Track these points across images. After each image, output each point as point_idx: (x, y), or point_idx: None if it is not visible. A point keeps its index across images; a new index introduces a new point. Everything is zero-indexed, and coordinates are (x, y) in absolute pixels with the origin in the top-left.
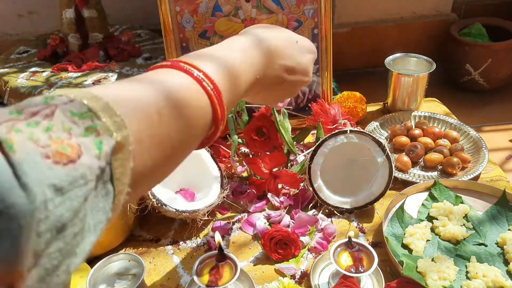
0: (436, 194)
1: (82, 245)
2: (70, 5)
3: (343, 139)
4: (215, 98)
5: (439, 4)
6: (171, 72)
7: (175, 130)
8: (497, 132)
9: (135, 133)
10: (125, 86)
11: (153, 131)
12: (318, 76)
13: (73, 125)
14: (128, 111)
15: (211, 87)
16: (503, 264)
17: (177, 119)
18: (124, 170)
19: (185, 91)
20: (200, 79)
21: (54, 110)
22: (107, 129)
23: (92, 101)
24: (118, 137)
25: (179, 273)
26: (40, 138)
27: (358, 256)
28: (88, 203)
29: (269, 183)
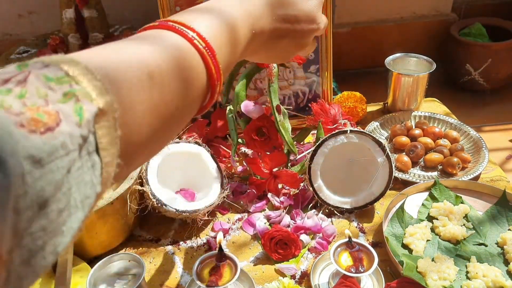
0: (436, 194)
1: (69, 222)
2: (70, 5)
3: (343, 139)
4: (208, 58)
5: (439, 4)
6: (160, 32)
7: (169, 93)
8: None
9: (124, 98)
10: (110, 48)
11: (145, 95)
12: (318, 76)
13: (49, 90)
14: (114, 75)
15: (203, 45)
16: (503, 264)
17: (170, 81)
18: (110, 139)
19: (176, 51)
20: (191, 38)
21: (27, 76)
22: (87, 94)
23: (69, 65)
24: (100, 103)
25: (179, 273)
26: (13, 105)
27: (358, 256)
28: (72, 175)
29: (269, 183)
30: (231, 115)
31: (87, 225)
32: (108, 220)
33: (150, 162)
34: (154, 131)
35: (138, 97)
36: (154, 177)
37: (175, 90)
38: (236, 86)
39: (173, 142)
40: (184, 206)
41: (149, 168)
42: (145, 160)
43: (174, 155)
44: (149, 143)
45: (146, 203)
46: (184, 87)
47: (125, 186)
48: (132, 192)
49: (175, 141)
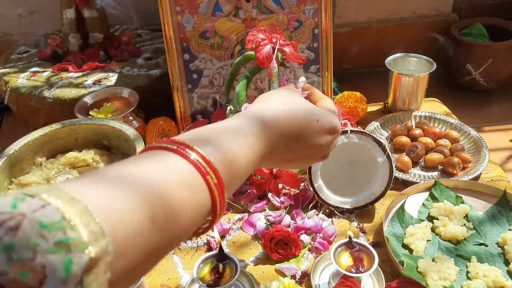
0: (436, 194)
1: None
2: (70, 5)
3: (344, 139)
4: (216, 193)
5: (440, 4)
6: (171, 160)
7: (168, 235)
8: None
9: (119, 244)
10: (114, 186)
11: (142, 239)
12: (318, 76)
13: (41, 240)
14: (113, 218)
15: (215, 182)
16: (503, 264)
17: (173, 223)
18: (97, 286)
19: (185, 186)
20: (204, 172)
21: (20, 222)
22: (80, 243)
23: (67, 205)
24: (92, 252)
25: (179, 273)
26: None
27: (359, 256)
28: None
29: (269, 183)
30: (231, 115)
31: None
32: None
33: None
34: (140, 267)
35: (135, 241)
36: None
37: (174, 231)
38: (236, 86)
39: None
40: None
41: None
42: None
43: None
44: (134, 277)
45: None
46: (184, 225)
47: None
48: None
49: None
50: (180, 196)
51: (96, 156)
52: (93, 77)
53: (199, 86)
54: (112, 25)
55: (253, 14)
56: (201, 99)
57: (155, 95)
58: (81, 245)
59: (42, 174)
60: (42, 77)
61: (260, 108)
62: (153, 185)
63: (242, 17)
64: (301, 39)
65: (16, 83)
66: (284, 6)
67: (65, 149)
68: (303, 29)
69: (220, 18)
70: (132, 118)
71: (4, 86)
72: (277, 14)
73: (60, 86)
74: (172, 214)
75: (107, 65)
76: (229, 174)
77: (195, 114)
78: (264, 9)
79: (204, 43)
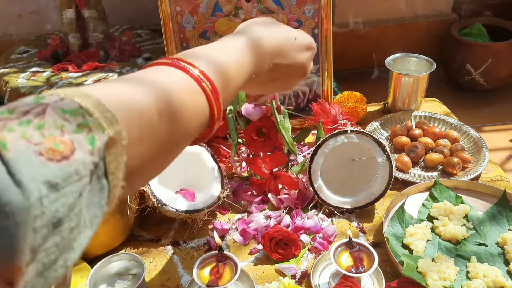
0: (436, 194)
1: (78, 239)
2: (70, 5)
3: (344, 139)
4: (213, 99)
5: (440, 4)
6: (170, 71)
7: (174, 130)
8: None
9: (134, 133)
10: (125, 84)
11: (152, 131)
12: (318, 76)
13: (65, 122)
14: (128, 112)
15: (210, 88)
16: (503, 264)
17: (177, 120)
18: (118, 165)
19: (185, 91)
20: (199, 79)
21: (45, 108)
22: (99, 125)
23: (83, 98)
24: (110, 133)
25: (179, 273)
26: (32, 136)
27: (359, 256)
28: (83, 198)
29: (269, 183)
30: (231, 115)
31: None
32: (108, 220)
33: None
34: (153, 160)
35: (147, 131)
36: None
37: (178, 127)
38: None
39: None
40: (184, 206)
41: None
42: (145, 182)
43: None
44: (148, 170)
45: (146, 203)
46: (187, 124)
47: None
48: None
49: None
50: (180, 96)
51: None
52: (93, 77)
53: None
54: (112, 25)
55: (253, 14)
56: None
57: None
58: (99, 127)
59: None
60: (42, 77)
61: (243, 31)
62: (158, 86)
63: (242, 17)
64: None
65: (16, 83)
66: (284, 6)
67: None
68: (303, 29)
69: (220, 18)
70: None
71: (4, 86)
72: (277, 14)
73: (60, 86)
74: (175, 111)
75: (107, 65)
76: (222, 83)
77: None
78: (264, 9)
79: (204, 43)
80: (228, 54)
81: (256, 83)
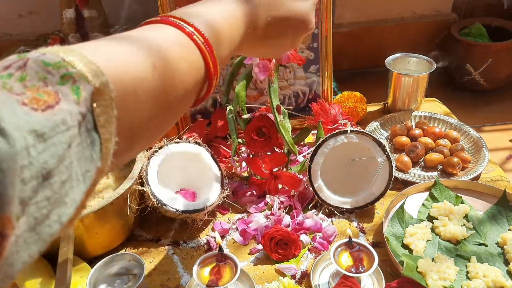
0: (436, 194)
1: (71, 194)
2: (70, 5)
3: (344, 139)
4: (207, 52)
5: (439, 4)
6: (162, 27)
7: (169, 83)
8: (497, 132)
9: (128, 85)
10: (117, 40)
11: (148, 84)
12: (318, 76)
13: (48, 74)
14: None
15: (202, 41)
16: (503, 264)
17: (172, 73)
18: (108, 118)
19: (178, 45)
20: (191, 33)
21: (26, 62)
22: (83, 76)
23: (65, 52)
24: (96, 83)
25: (179, 273)
26: (14, 87)
27: (359, 256)
28: (73, 150)
29: (269, 183)
30: (231, 115)
31: (87, 225)
32: (108, 220)
33: (150, 162)
34: (153, 116)
35: (141, 85)
36: (154, 177)
37: (175, 81)
38: (236, 86)
39: (173, 142)
40: (184, 206)
41: (149, 168)
42: (146, 143)
43: (174, 155)
44: (149, 128)
45: (146, 203)
46: (183, 79)
47: (125, 186)
48: (132, 192)
49: (175, 141)
50: (173, 50)
51: None
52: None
53: None
54: (112, 25)
55: None
56: None
57: None
58: (84, 77)
59: None
60: None
61: None
62: (149, 40)
63: None
64: None
65: None
66: None
67: None
68: None
69: None
70: None
71: None
72: None
73: None
74: (169, 64)
75: None
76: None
77: (195, 114)
78: None
79: None
80: (220, 9)
81: (257, 39)
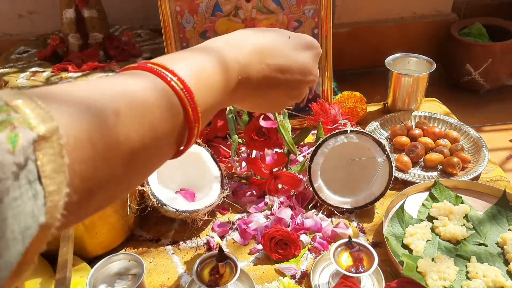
0: (436, 194)
1: (6, 256)
2: (70, 5)
3: (343, 139)
4: (185, 99)
5: (439, 4)
6: (136, 73)
7: (136, 131)
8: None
9: (84, 132)
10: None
11: (108, 131)
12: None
13: None
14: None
15: (181, 87)
16: (503, 264)
17: (139, 119)
18: (55, 167)
19: (151, 91)
20: (168, 79)
21: None
22: (26, 122)
23: (11, 96)
24: (41, 130)
25: (179, 273)
26: None
27: (358, 256)
28: (7, 205)
29: (269, 183)
30: (231, 115)
31: (87, 225)
32: (108, 220)
33: None
34: (115, 169)
35: (100, 131)
36: (154, 177)
37: (143, 129)
38: None
39: None
40: (184, 206)
41: None
42: (107, 201)
43: None
44: (110, 182)
45: (146, 203)
46: (153, 127)
47: None
48: (132, 192)
49: None
50: (146, 95)
51: None
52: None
53: None
54: (111, 25)
55: (253, 14)
56: None
57: None
58: (26, 123)
59: None
60: (41, 77)
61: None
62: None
63: (242, 17)
64: None
65: (16, 83)
66: (284, 6)
67: None
68: (303, 29)
69: (220, 18)
70: None
71: (4, 86)
72: (277, 14)
73: None
74: (138, 109)
75: (107, 65)
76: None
77: None
78: (264, 9)
79: None
80: (207, 54)
81: (251, 89)
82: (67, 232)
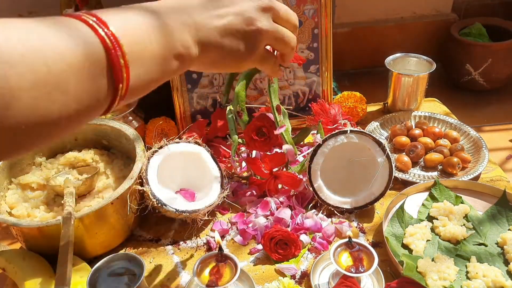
0: (436, 194)
1: None
2: (70, 5)
3: (343, 139)
4: (109, 41)
5: (439, 4)
6: (71, 22)
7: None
8: (497, 132)
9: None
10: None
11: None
12: (318, 76)
13: None
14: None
15: (106, 32)
16: (503, 264)
17: (68, 71)
18: None
19: (82, 44)
20: (101, 34)
21: None
22: None
23: None
24: None
25: (179, 273)
26: None
27: (358, 256)
28: None
29: (269, 183)
30: (231, 115)
31: (87, 225)
32: (108, 220)
33: (150, 162)
34: (43, 116)
35: (28, 79)
36: (154, 177)
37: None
38: (236, 86)
39: (173, 142)
40: (184, 206)
41: (149, 168)
42: (33, 141)
43: (174, 155)
44: (37, 127)
45: (146, 203)
46: (74, 68)
47: (125, 186)
48: (132, 192)
49: (175, 141)
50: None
51: (96, 156)
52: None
53: (198, 86)
54: None
55: None
56: (200, 99)
57: (155, 95)
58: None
59: (42, 174)
60: None
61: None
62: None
63: None
64: (300, 39)
65: None
66: None
67: (64, 149)
68: (302, 29)
69: None
70: (132, 118)
71: None
72: None
73: None
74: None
75: None
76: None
77: (194, 114)
78: None
79: None
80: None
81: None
82: (67, 232)
